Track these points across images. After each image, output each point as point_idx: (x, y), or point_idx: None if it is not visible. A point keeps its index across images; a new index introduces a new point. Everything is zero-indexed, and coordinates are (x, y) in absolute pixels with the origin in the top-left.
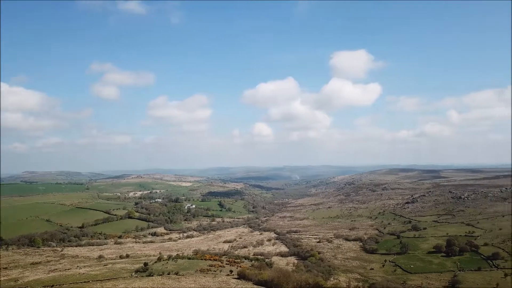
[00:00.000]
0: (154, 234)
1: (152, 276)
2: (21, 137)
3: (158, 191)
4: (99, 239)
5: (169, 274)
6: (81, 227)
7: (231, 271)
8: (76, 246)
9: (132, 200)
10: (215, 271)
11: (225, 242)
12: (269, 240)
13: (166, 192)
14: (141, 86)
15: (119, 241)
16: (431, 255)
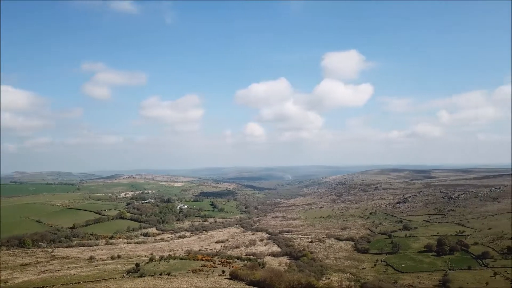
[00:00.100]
0: (146, 234)
1: (144, 276)
2: (11, 137)
3: (150, 191)
4: (90, 239)
5: (161, 274)
6: (72, 228)
7: (224, 272)
8: (66, 247)
9: (123, 200)
10: (207, 272)
11: (217, 242)
12: (262, 240)
13: (158, 192)
14: (133, 86)
15: (111, 241)
16: (422, 255)
